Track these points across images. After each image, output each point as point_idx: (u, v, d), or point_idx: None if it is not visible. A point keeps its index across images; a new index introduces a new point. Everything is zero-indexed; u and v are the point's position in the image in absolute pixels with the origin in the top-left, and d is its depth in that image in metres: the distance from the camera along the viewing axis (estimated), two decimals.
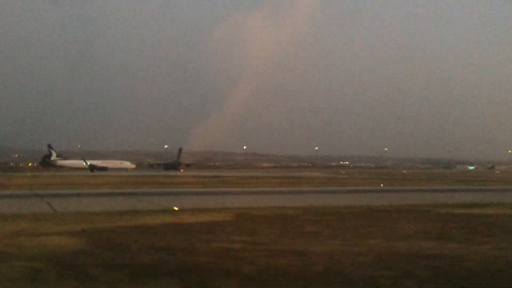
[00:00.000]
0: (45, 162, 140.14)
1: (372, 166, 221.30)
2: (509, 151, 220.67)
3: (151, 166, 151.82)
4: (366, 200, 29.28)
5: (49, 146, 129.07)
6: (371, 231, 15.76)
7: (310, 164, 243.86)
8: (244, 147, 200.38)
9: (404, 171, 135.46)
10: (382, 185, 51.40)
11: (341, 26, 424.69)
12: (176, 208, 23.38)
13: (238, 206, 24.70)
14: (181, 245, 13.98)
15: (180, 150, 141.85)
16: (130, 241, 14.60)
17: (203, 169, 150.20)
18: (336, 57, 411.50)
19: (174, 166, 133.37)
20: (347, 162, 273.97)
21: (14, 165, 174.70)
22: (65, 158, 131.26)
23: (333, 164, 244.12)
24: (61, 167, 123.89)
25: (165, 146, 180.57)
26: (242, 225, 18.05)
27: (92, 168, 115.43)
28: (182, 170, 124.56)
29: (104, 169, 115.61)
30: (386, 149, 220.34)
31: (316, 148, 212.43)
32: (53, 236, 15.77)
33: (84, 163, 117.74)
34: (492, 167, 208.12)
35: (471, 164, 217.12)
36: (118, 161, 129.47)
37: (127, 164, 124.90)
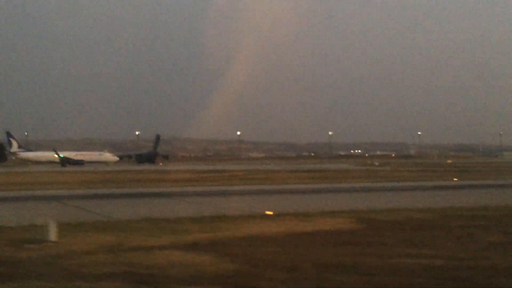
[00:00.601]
0: None
1: (393, 155, 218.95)
2: None
3: (120, 158, 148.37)
4: (484, 199, 28.92)
5: (8, 134, 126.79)
6: None
7: (312, 154, 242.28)
8: (238, 133, 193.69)
9: (449, 161, 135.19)
10: (455, 179, 51.14)
11: None
12: (269, 213, 22.86)
13: (339, 209, 24.24)
14: (360, 261, 13.37)
15: (158, 138, 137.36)
16: (292, 257, 13.94)
17: (181, 162, 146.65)
18: (345, 31, 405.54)
19: (150, 158, 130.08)
20: (359, 151, 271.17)
21: None
22: (28, 150, 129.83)
23: (342, 153, 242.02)
24: (11, 159, 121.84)
25: (136, 133, 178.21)
26: (387, 233, 17.63)
27: (65, 162, 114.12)
28: (161, 164, 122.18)
29: (79, 163, 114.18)
30: (419, 133, 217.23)
31: (330, 133, 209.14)
32: (168, 250, 15.18)
33: (56, 155, 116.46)
34: None
35: None
36: (97, 153, 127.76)
37: (108, 156, 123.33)
